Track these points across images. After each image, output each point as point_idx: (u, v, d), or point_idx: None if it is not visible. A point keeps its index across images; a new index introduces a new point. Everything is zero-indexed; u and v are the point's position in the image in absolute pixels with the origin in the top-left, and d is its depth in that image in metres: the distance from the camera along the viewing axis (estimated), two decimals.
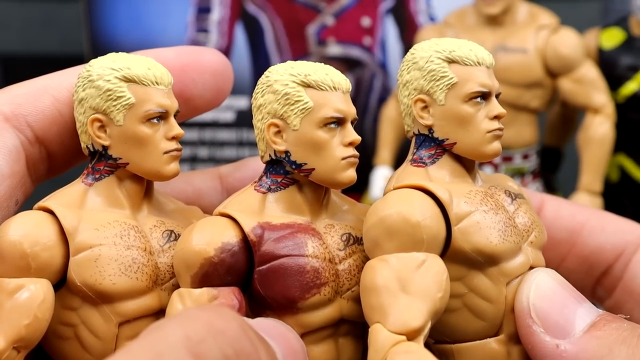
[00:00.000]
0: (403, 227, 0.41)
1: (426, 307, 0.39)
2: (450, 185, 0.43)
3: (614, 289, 0.52)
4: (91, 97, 0.44)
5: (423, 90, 0.44)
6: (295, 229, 0.43)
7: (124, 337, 0.43)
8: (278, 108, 0.43)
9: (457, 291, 0.42)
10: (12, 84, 0.49)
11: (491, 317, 0.43)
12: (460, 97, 0.43)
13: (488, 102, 0.44)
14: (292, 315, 0.42)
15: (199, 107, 0.52)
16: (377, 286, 0.40)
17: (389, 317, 0.39)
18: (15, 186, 0.46)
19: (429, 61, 0.44)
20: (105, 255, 0.42)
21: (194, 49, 0.52)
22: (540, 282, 0.42)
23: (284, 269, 0.41)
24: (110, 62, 0.44)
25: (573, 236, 0.52)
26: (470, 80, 0.44)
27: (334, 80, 0.44)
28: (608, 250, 0.52)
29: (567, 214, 0.53)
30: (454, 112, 0.44)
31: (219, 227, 0.42)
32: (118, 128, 0.44)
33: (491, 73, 0.45)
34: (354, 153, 0.44)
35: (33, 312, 0.41)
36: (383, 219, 0.41)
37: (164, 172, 0.45)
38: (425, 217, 0.41)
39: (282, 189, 0.44)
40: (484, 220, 0.42)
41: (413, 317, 0.39)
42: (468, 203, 0.42)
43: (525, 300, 0.42)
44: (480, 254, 0.41)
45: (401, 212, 0.41)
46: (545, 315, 0.41)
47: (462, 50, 0.44)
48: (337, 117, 0.43)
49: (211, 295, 0.41)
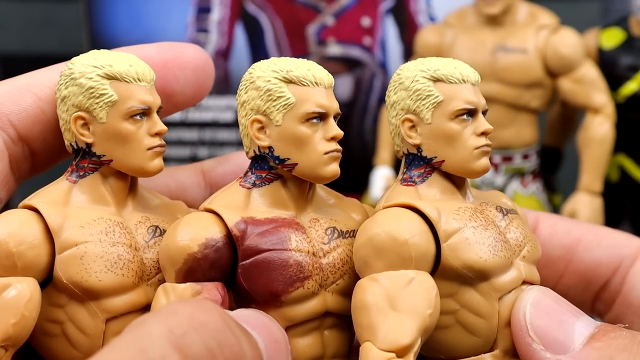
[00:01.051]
0: (391, 246, 0.41)
1: (416, 324, 0.40)
2: (440, 203, 0.43)
3: (613, 303, 0.52)
4: (74, 94, 0.44)
5: (410, 110, 0.45)
6: (279, 223, 0.43)
7: (111, 333, 0.43)
8: (261, 104, 0.44)
9: (449, 308, 0.42)
10: None
11: (484, 333, 0.43)
12: (446, 115, 0.44)
13: (475, 119, 0.44)
14: (276, 308, 0.42)
15: (180, 103, 0.52)
16: (366, 305, 0.40)
17: (379, 335, 0.39)
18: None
19: (414, 81, 0.44)
20: (91, 252, 0.42)
21: (175, 45, 0.52)
22: (535, 299, 0.42)
23: (267, 263, 0.42)
24: (92, 60, 0.44)
25: (569, 253, 0.53)
26: (456, 98, 0.44)
27: (316, 76, 0.44)
28: (605, 265, 0.52)
29: (563, 231, 0.53)
30: (441, 130, 0.44)
31: (203, 223, 0.43)
32: (101, 125, 0.44)
33: (477, 90, 0.45)
34: (337, 147, 0.44)
35: (20, 310, 0.41)
36: (371, 238, 0.42)
37: (148, 168, 0.45)
38: (413, 235, 0.41)
39: (267, 184, 0.45)
40: (473, 236, 0.42)
41: (402, 334, 0.39)
42: (457, 220, 0.42)
43: (522, 318, 0.42)
44: (470, 269, 0.42)
45: (389, 231, 0.41)
46: (543, 333, 0.41)
47: (447, 69, 0.44)
48: (319, 112, 0.43)
49: (195, 290, 0.41)
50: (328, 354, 0.44)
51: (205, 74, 0.52)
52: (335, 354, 0.45)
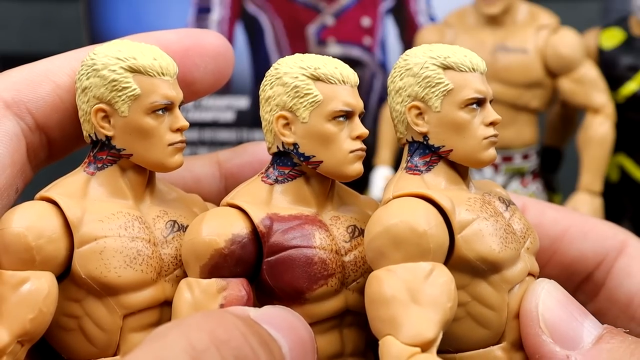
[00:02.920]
0: (410, 237, 0.40)
1: (438, 317, 0.39)
2: (449, 193, 0.43)
3: (595, 295, 0.52)
4: (95, 86, 0.43)
5: (418, 97, 0.44)
6: (303, 220, 0.43)
7: (128, 329, 0.43)
8: (287, 100, 0.43)
9: (461, 300, 0.42)
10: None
11: (494, 325, 0.42)
12: (456, 103, 0.43)
13: (483, 109, 0.44)
14: (300, 305, 0.42)
15: (200, 90, 0.51)
16: (386, 297, 0.39)
17: (402, 328, 0.38)
18: (16, 175, 0.45)
19: (424, 67, 0.44)
20: (110, 247, 0.42)
21: (195, 32, 0.51)
22: (548, 292, 0.42)
23: (292, 260, 0.42)
24: (115, 51, 0.43)
25: (555, 244, 0.52)
26: (466, 87, 0.43)
27: (343, 74, 0.44)
28: (589, 258, 0.52)
29: (549, 221, 0.53)
30: (450, 118, 0.43)
31: (229, 219, 0.42)
32: (122, 119, 0.43)
33: (485, 79, 0.44)
34: (362, 146, 0.44)
35: (38, 306, 0.40)
36: (388, 228, 0.40)
37: (168, 164, 0.44)
38: (431, 226, 0.40)
39: (289, 181, 0.44)
40: (486, 228, 0.41)
41: (426, 328, 0.38)
42: (469, 211, 0.42)
43: (534, 310, 0.42)
44: (484, 261, 0.41)
45: (407, 222, 0.40)
46: (554, 326, 0.41)
47: (457, 57, 0.43)
48: (346, 110, 0.43)
49: (220, 285, 0.41)
50: (347, 351, 0.44)
51: (226, 60, 0.51)
52: (354, 351, 0.45)
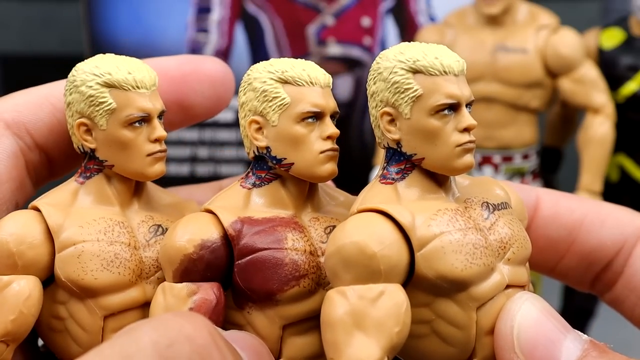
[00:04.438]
0: (359, 259, 0.39)
1: (381, 343, 0.38)
2: (419, 203, 0.41)
3: (614, 284, 0.51)
4: (76, 101, 0.45)
5: (389, 103, 0.42)
6: (277, 222, 0.44)
7: (110, 330, 0.44)
8: (258, 105, 0.44)
9: (425, 317, 0.41)
10: (15, 87, 0.51)
11: (461, 343, 0.41)
12: (426, 110, 0.41)
13: (457, 114, 0.41)
14: (273, 307, 0.42)
15: (198, 115, 0.53)
16: (332, 321, 0.39)
17: (343, 355, 0.38)
18: (15, 190, 0.48)
19: (393, 72, 0.41)
20: (88, 251, 0.44)
21: (195, 58, 0.53)
22: (525, 313, 0.41)
23: (262, 261, 0.42)
24: (93, 68, 0.45)
25: (572, 234, 0.51)
26: (436, 92, 0.41)
27: (311, 75, 0.44)
28: (608, 246, 0.51)
29: (565, 210, 0.52)
30: (420, 126, 0.41)
31: (200, 224, 0.43)
32: (102, 132, 0.45)
33: (461, 80, 0.42)
34: (333, 146, 0.44)
35: (19, 307, 0.42)
36: (339, 249, 0.40)
37: (148, 173, 0.46)
38: (383, 247, 0.39)
39: (266, 184, 0.45)
40: (449, 245, 0.40)
41: (367, 355, 0.38)
42: (433, 225, 0.40)
43: (509, 333, 0.40)
44: (445, 280, 0.40)
45: (357, 243, 0.39)
46: (530, 351, 0.40)
47: (427, 59, 0.41)
48: (314, 111, 0.44)
49: (190, 290, 0.42)
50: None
51: (224, 87, 0.53)
52: None
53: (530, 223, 0.50)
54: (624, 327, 0.64)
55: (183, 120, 0.50)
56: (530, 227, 0.50)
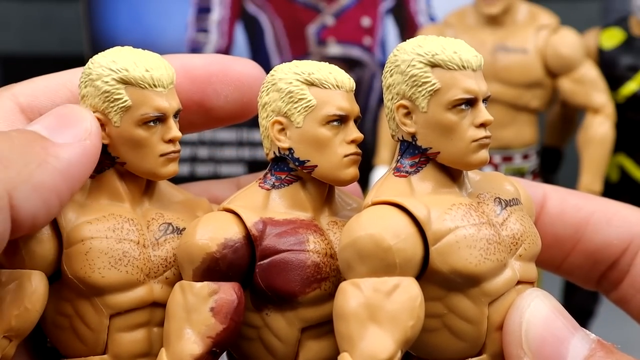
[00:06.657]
0: (374, 252, 0.39)
1: (395, 337, 0.38)
2: (433, 197, 0.41)
3: (620, 282, 0.51)
4: (91, 95, 0.44)
5: (405, 96, 0.42)
6: (298, 224, 0.43)
7: (116, 329, 0.43)
8: (282, 106, 0.44)
9: (437, 311, 0.41)
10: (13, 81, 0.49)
11: (472, 338, 0.41)
12: (443, 104, 0.41)
13: (474, 109, 0.41)
14: (293, 309, 0.42)
15: (222, 118, 0.50)
16: (346, 314, 0.39)
17: (356, 348, 0.38)
18: None
19: (411, 65, 0.41)
20: (96, 248, 0.43)
21: (224, 59, 0.50)
22: (534, 310, 0.40)
23: (285, 263, 0.42)
24: (110, 62, 0.44)
25: (579, 232, 0.51)
26: (454, 86, 0.41)
27: (337, 79, 0.44)
28: (614, 245, 0.50)
29: (572, 208, 0.51)
30: (436, 120, 0.41)
31: (222, 223, 0.43)
32: (116, 129, 0.44)
33: (479, 75, 0.42)
34: (356, 151, 0.44)
35: (23, 303, 0.41)
36: (355, 241, 0.39)
37: (160, 173, 0.45)
38: (399, 240, 0.39)
39: (286, 186, 0.45)
40: (464, 240, 0.39)
41: (381, 349, 0.38)
42: (448, 220, 0.40)
43: (517, 329, 0.40)
44: (459, 275, 0.39)
45: (373, 235, 0.39)
46: (538, 348, 0.40)
47: (446, 54, 0.41)
48: (340, 114, 0.43)
49: (211, 289, 0.42)
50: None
51: (252, 91, 0.49)
52: None
53: (536, 220, 0.50)
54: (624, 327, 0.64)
55: (205, 122, 0.48)
56: (536, 224, 0.50)
